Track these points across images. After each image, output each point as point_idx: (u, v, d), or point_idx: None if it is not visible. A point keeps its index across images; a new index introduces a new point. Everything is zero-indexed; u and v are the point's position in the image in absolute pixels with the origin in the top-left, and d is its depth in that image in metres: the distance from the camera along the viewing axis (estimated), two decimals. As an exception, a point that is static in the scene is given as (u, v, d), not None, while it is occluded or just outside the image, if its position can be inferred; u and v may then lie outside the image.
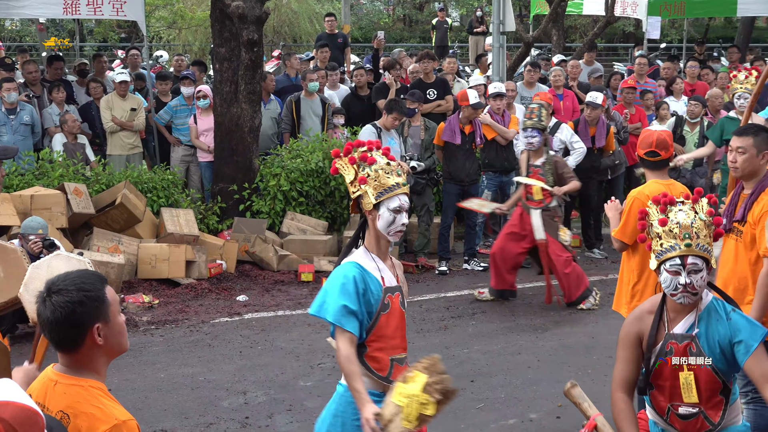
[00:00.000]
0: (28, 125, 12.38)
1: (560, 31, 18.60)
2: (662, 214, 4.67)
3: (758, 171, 6.35)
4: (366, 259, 4.79)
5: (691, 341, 4.64)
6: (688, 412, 4.70)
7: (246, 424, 7.62)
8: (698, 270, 4.53)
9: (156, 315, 10.28)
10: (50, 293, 3.29)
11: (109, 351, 3.42)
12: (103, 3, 13.16)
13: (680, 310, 4.69)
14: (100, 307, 3.33)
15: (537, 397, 8.14)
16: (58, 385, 3.32)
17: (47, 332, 3.30)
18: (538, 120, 10.39)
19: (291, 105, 13.44)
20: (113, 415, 3.29)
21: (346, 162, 4.80)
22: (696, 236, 4.55)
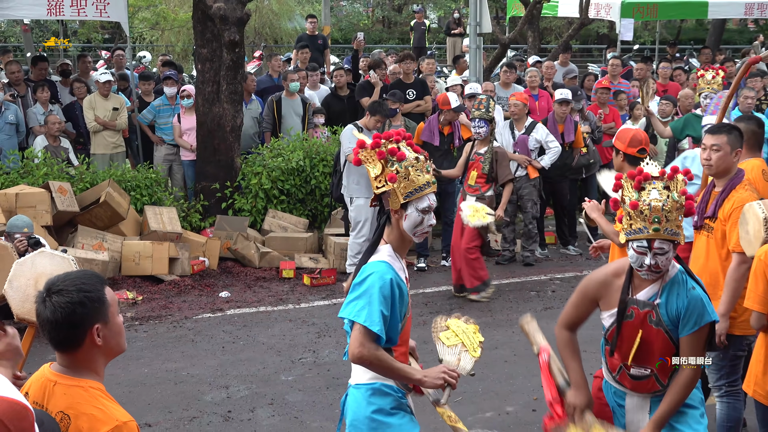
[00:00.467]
0: (13, 124, 12.37)
1: (536, 33, 18.66)
2: (636, 191, 4.69)
3: (730, 168, 6.41)
4: (393, 259, 4.51)
5: (652, 309, 4.73)
6: (640, 373, 4.84)
7: (228, 417, 7.62)
8: (664, 252, 4.61)
9: (140, 311, 10.26)
10: (50, 293, 3.27)
11: (108, 351, 3.41)
12: (86, 4, 13.12)
13: (645, 279, 4.78)
14: (100, 308, 3.32)
15: (513, 390, 8.17)
16: (57, 386, 3.30)
17: (47, 332, 3.28)
18: (486, 111, 10.52)
19: (272, 105, 13.44)
20: (114, 417, 3.27)
21: (374, 155, 4.49)
22: (665, 219, 4.59)
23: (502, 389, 8.18)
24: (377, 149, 4.46)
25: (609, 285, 4.91)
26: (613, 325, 4.83)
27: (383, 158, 4.45)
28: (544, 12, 18.56)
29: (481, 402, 7.92)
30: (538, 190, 12.03)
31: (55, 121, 12.46)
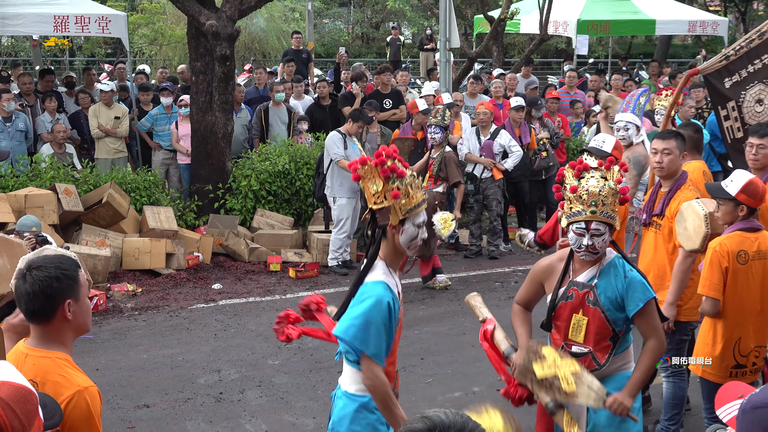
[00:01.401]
0: (23, 131, 12.34)
1: (500, 48, 18.68)
2: (576, 179, 4.74)
3: (678, 170, 6.47)
4: (388, 275, 4.34)
5: (590, 290, 4.77)
6: (579, 351, 4.85)
7: (220, 399, 7.60)
8: (600, 234, 4.66)
9: (139, 302, 10.22)
10: (30, 269, 3.35)
11: (76, 327, 3.46)
12: (89, 21, 13.09)
13: (584, 263, 4.82)
14: (73, 285, 3.38)
15: (479, 372, 8.18)
16: (28, 357, 3.36)
17: (23, 304, 3.35)
18: (441, 119, 10.61)
19: (260, 113, 13.43)
20: (76, 383, 3.33)
21: (376, 172, 4.27)
22: (602, 204, 4.64)
23: (469, 371, 8.20)
24: (381, 167, 4.26)
25: (554, 269, 4.97)
26: (550, 304, 4.90)
27: (386, 176, 4.26)
28: (508, 29, 18.56)
29: (450, 383, 7.94)
30: (502, 190, 12.05)
31: (61, 129, 12.42)
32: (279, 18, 27.33)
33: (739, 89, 6.85)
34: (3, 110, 12.15)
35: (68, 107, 14.07)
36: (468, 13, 27.69)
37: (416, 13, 31.39)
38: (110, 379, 7.90)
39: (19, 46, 28.42)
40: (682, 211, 6.06)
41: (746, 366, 5.76)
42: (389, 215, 4.32)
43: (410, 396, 7.56)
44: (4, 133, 12.09)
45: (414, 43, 32.47)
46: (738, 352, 5.73)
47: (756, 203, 5.65)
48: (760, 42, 6.76)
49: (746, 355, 5.74)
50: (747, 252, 5.62)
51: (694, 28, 19.75)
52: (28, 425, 2.31)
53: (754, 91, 6.84)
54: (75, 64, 26.73)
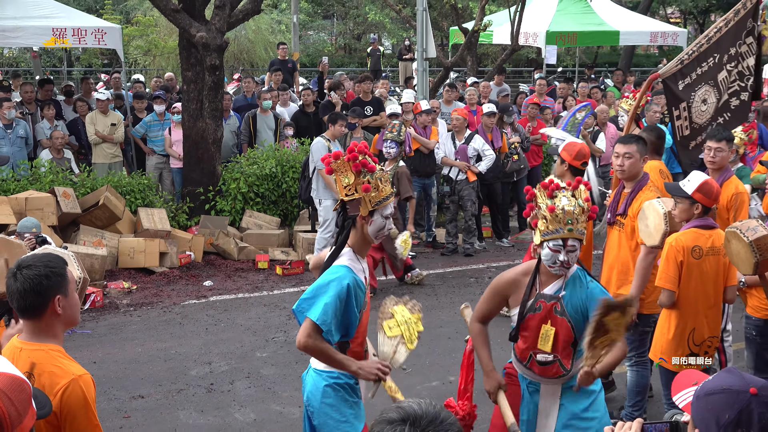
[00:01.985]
0: (23, 138, 12.30)
1: (474, 58, 18.70)
2: (549, 199, 4.70)
3: (639, 173, 6.50)
4: (354, 261, 4.46)
5: (557, 301, 4.72)
6: (545, 359, 4.77)
7: (211, 389, 7.60)
8: (574, 250, 4.64)
9: (134, 298, 10.19)
10: (21, 268, 3.36)
11: (66, 321, 3.47)
12: (86, 34, 13.07)
13: (550, 276, 4.77)
14: (62, 282, 3.39)
15: (455, 363, 8.17)
16: (23, 351, 3.36)
17: (15, 301, 3.36)
18: (397, 134, 10.59)
19: (248, 120, 13.42)
20: (71, 371, 3.33)
21: (348, 166, 4.38)
22: (576, 221, 4.62)
23: (445, 362, 8.22)
24: (353, 162, 4.36)
25: (518, 283, 4.87)
26: (518, 315, 4.82)
27: (357, 170, 4.36)
28: (481, 40, 18.60)
29: (428, 373, 7.95)
30: (476, 192, 12.06)
31: (60, 135, 12.39)
32: (266, 30, 27.30)
33: (689, 90, 6.92)
34: (4, 117, 12.12)
35: (66, 115, 14.06)
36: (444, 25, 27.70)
37: (395, 25, 31.40)
38: (107, 372, 7.88)
39: (20, 57, 28.30)
40: (643, 210, 6.11)
41: (699, 354, 5.81)
42: (359, 207, 4.41)
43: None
44: (5, 139, 12.07)
45: (393, 53, 32.48)
46: (692, 341, 5.78)
47: (710, 202, 5.69)
48: (708, 46, 6.83)
49: (700, 344, 5.80)
50: (701, 248, 5.67)
51: (655, 39, 19.86)
52: (24, 413, 2.32)
53: (701, 92, 6.92)
54: (73, 74, 26.62)
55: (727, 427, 2.64)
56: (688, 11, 37.76)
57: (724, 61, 6.99)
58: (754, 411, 2.63)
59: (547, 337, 4.76)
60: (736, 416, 2.63)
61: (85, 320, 9.28)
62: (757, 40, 7.09)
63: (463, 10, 19.34)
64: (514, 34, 16.91)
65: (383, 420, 2.21)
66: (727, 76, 7.05)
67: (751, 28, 7.06)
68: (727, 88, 7.06)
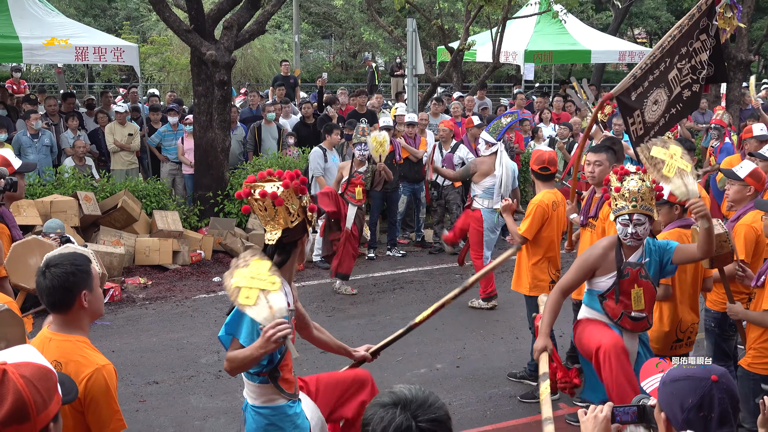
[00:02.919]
0: (49, 146, 12.28)
1: (459, 74, 18.71)
2: (619, 182, 5.15)
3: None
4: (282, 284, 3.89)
5: (641, 267, 5.13)
6: (639, 316, 5.21)
7: (219, 376, 7.58)
8: (641, 223, 5.06)
9: (149, 293, 10.16)
10: (48, 267, 3.34)
11: (92, 313, 3.46)
12: (106, 51, 13.03)
13: (630, 247, 5.19)
14: (87, 278, 3.38)
15: (441, 351, 8.21)
16: (52, 341, 3.34)
17: (45, 297, 3.35)
18: (362, 137, 10.26)
19: (254, 130, 13.40)
20: (95, 361, 3.32)
21: (292, 193, 4.01)
22: (641, 199, 5.03)
23: (432, 350, 8.22)
24: (296, 187, 4.03)
25: (606, 255, 5.20)
26: (615, 283, 5.15)
27: (301, 193, 4.04)
28: (466, 58, 18.62)
29: (417, 361, 7.95)
30: (461, 196, 12.07)
31: (81, 144, 12.36)
32: (270, 48, 27.30)
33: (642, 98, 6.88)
34: (31, 128, 12.11)
35: (88, 125, 14.03)
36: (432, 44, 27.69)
37: (388, 44, 31.39)
38: (125, 360, 7.85)
39: (46, 73, 28.27)
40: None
41: (683, 340, 5.84)
42: (300, 230, 4.08)
43: (383, 372, 7.56)
44: (32, 147, 12.03)
45: (386, 70, 32.48)
46: (679, 329, 5.79)
47: (760, 186, 5.73)
48: (660, 55, 6.81)
49: (684, 330, 5.81)
50: None
51: (624, 57, 19.93)
52: (48, 399, 2.31)
53: (653, 96, 6.87)
54: (94, 89, 26.59)
55: (691, 410, 2.65)
56: (654, 32, 37.87)
57: (674, 61, 6.92)
58: (714, 396, 2.64)
59: (639, 298, 5.15)
60: (698, 401, 2.64)
61: (104, 313, 9.24)
62: (714, 36, 7.00)
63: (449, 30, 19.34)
64: (496, 53, 16.92)
65: (376, 404, 2.22)
66: (678, 74, 6.97)
67: (705, 26, 6.95)
68: (679, 82, 7.00)
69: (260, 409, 4.05)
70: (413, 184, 12.25)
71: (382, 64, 35.72)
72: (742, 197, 6.13)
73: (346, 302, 9.86)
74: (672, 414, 2.70)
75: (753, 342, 5.30)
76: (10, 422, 2.21)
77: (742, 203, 6.11)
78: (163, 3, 11.79)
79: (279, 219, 4.03)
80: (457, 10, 26.21)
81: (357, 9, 30.42)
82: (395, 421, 2.14)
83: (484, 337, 8.65)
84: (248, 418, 4.11)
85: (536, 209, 6.89)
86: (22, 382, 2.25)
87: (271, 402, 4.03)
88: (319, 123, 13.75)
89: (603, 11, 32.10)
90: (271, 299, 3.73)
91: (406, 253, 12.09)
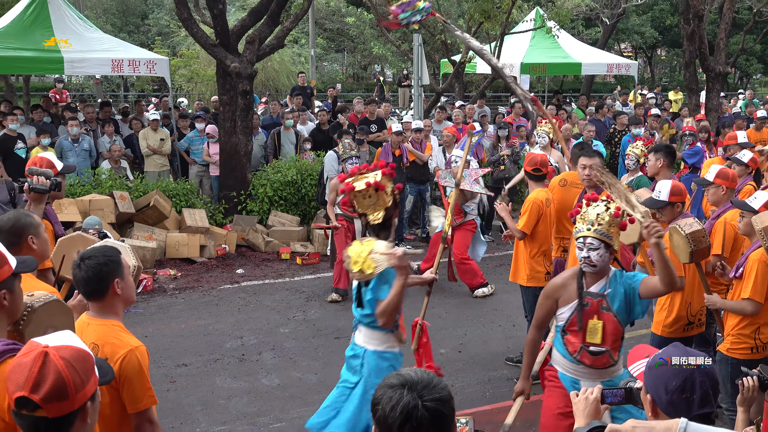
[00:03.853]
0: (87, 150, 12.30)
1: (460, 84, 18.67)
2: (586, 207, 4.57)
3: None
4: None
5: (602, 298, 4.50)
6: (598, 350, 4.51)
7: (242, 359, 7.59)
8: (595, 248, 4.42)
9: (179, 283, 10.17)
10: (83, 259, 3.36)
11: (125, 300, 3.48)
12: (140, 64, 13.05)
13: (593, 276, 4.55)
14: (118, 268, 3.40)
15: (445, 337, 8.19)
16: (90, 326, 3.37)
17: (81, 287, 3.38)
18: (350, 151, 9.79)
19: (274, 136, 13.40)
20: (128, 343, 3.35)
21: (388, 178, 4.64)
22: (598, 224, 4.44)
23: (436, 337, 8.17)
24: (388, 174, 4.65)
25: (566, 285, 4.62)
26: (574, 312, 4.54)
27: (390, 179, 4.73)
28: (467, 70, 18.54)
29: (422, 346, 7.92)
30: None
31: (117, 149, 12.39)
32: (288, 61, 27.29)
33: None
34: (70, 133, 12.13)
35: (123, 131, 14.05)
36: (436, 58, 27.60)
37: (396, 57, 31.32)
38: (156, 344, 7.86)
39: (85, 84, 28.34)
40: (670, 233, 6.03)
41: (694, 323, 5.78)
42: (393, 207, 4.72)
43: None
44: (72, 151, 12.06)
45: (394, 81, 32.45)
46: (690, 312, 5.71)
47: (683, 198, 5.66)
48: None
49: (695, 314, 5.76)
50: None
51: (611, 69, 19.81)
52: (86, 380, 2.31)
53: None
54: (128, 98, 26.64)
55: (674, 392, 2.64)
56: (638, 46, 37.75)
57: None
58: (696, 380, 2.63)
59: (596, 330, 4.51)
60: (681, 384, 2.63)
61: (137, 301, 9.25)
62: None
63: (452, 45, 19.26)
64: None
65: (385, 385, 2.22)
66: None
67: None
68: None
69: (384, 353, 4.66)
70: (419, 185, 12.23)
71: (391, 76, 35.70)
72: (718, 198, 6.16)
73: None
74: (657, 396, 2.69)
75: (731, 329, 5.28)
76: (50, 399, 2.22)
77: (721, 203, 6.12)
78: (192, 20, 11.80)
79: (381, 202, 4.61)
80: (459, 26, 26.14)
81: (367, 25, 30.39)
82: (403, 401, 2.14)
83: (483, 325, 8.63)
84: (371, 362, 4.63)
85: (532, 206, 6.88)
86: (62, 363, 2.26)
87: (391, 348, 4.70)
88: (332, 129, 13.75)
89: (592, 27, 32.03)
90: (383, 247, 4.48)
91: (412, 248, 12.05)
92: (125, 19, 37.50)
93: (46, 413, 2.23)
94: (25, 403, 2.22)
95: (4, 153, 11.47)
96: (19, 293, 3.09)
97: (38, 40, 12.58)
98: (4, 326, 3.02)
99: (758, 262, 5.08)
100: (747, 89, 30.03)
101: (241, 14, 21.99)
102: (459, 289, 9.94)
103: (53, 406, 2.23)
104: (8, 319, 3.05)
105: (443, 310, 9.08)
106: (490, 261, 11.31)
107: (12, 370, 2.27)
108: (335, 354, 7.62)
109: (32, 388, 2.21)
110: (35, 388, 2.21)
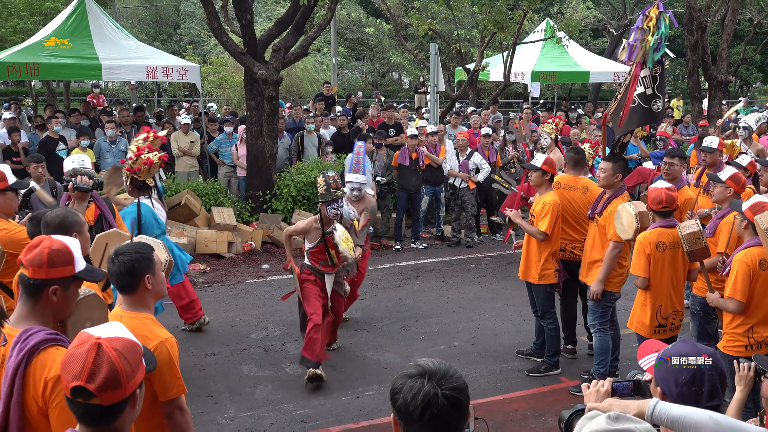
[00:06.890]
0: (123, 152, 12.32)
1: (474, 91, 18.61)
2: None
3: (614, 184, 6.47)
4: None
5: None
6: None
7: (268, 349, 7.60)
8: None
9: (208, 278, 10.20)
10: (117, 255, 3.37)
11: (155, 294, 3.47)
12: (172, 71, 13.12)
13: None
14: (150, 264, 3.39)
15: (459, 330, 8.16)
16: (123, 318, 3.35)
17: (115, 281, 3.38)
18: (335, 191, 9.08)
19: (297, 139, 13.39)
20: (159, 335, 3.34)
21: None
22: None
23: (450, 329, 8.17)
24: None
25: None
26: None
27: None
28: (480, 77, 18.48)
29: (437, 338, 7.91)
30: (475, 197, 12.01)
31: (151, 149, 12.42)
32: (311, 69, 27.35)
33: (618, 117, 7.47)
34: (108, 135, 12.18)
35: (156, 134, 14.08)
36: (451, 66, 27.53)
37: (413, 65, 31.30)
38: (187, 335, 7.88)
39: (121, 89, 28.53)
40: (618, 210, 6.05)
41: (666, 326, 5.74)
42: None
43: (407, 348, 7.53)
44: (110, 152, 12.14)
45: (411, 87, 32.40)
46: (660, 315, 5.70)
47: (672, 206, 5.61)
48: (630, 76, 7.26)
49: (666, 317, 5.72)
50: (665, 242, 5.60)
51: (618, 78, 19.62)
52: (136, 369, 2.33)
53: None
54: (161, 102, 26.78)
55: (683, 385, 2.60)
56: (643, 56, 37.39)
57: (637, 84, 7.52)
58: (705, 373, 2.60)
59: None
60: (690, 377, 2.60)
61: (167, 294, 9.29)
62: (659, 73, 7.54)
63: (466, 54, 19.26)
64: (506, 73, 16.80)
65: (404, 375, 2.20)
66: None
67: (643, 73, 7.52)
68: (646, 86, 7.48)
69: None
70: (434, 186, 12.19)
71: (407, 83, 35.63)
72: (724, 197, 6.13)
73: (376, 288, 9.83)
74: (667, 388, 2.65)
75: (726, 327, 5.26)
76: (105, 388, 2.23)
77: (726, 203, 6.08)
78: (222, 30, 11.82)
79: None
80: (473, 36, 26.04)
81: (386, 35, 30.38)
82: (423, 389, 2.14)
83: (495, 319, 8.59)
84: None
85: (553, 208, 6.67)
86: (114, 354, 2.27)
87: None
88: (352, 134, 13.73)
89: (600, 37, 31.82)
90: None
91: (427, 246, 12.03)
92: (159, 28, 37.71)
93: (100, 401, 2.24)
94: (81, 392, 2.23)
95: (47, 154, 11.55)
96: (73, 296, 3.08)
97: (78, 48, 12.67)
98: (50, 321, 3.01)
99: (740, 263, 5.06)
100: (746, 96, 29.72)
101: (267, 24, 22.04)
102: (470, 285, 9.91)
103: (107, 395, 2.24)
104: (54, 316, 3.03)
105: (456, 304, 9.05)
106: (501, 259, 11.25)
107: (67, 361, 2.28)
108: (354, 345, 7.61)
109: (88, 377, 2.22)
110: (90, 378, 2.22)
